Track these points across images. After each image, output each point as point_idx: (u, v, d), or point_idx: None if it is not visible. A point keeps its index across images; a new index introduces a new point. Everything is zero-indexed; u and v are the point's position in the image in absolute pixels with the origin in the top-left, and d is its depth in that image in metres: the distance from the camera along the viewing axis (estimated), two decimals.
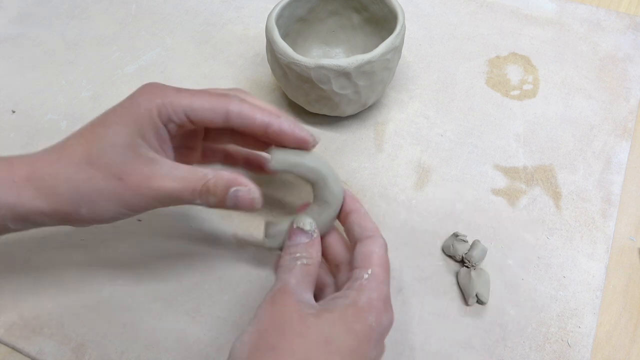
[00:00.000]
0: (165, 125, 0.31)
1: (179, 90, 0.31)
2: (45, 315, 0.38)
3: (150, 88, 0.31)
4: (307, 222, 0.33)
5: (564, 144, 0.46)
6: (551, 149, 0.46)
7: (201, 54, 0.54)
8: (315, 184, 0.33)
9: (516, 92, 0.50)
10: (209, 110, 0.31)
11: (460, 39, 0.55)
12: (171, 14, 0.59)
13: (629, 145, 0.46)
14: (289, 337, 0.27)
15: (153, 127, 0.30)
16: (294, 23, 0.48)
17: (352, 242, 0.33)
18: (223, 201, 0.31)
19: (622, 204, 0.44)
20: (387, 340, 0.36)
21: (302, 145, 0.33)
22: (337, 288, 0.33)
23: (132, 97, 0.31)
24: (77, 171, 0.30)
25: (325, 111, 0.46)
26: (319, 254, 0.32)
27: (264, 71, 0.52)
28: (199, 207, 0.43)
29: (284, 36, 0.47)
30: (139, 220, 0.42)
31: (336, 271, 0.34)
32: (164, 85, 0.32)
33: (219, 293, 0.39)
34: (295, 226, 0.33)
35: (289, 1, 0.45)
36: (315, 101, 0.44)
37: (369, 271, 0.31)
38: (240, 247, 0.41)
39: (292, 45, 0.49)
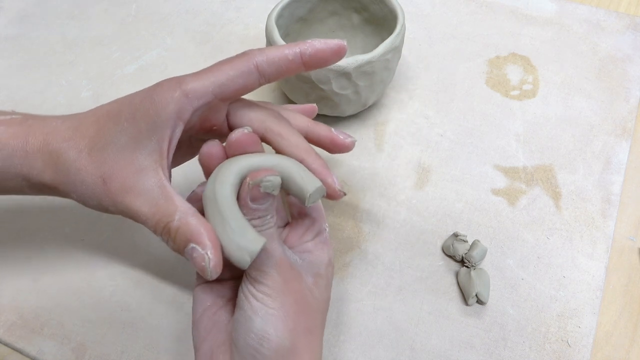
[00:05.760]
0: (186, 121, 0.29)
1: (196, 73, 0.29)
2: (45, 315, 0.38)
3: (168, 82, 0.29)
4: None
5: (564, 144, 0.46)
6: (551, 149, 0.46)
7: (201, 54, 0.54)
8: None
9: (516, 92, 0.50)
10: (238, 76, 0.28)
11: (460, 39, 0.55)
12: (171, 14, 0.59)
13: (629, 145, 0.46)
14: None
15: (169, 126, 0.28)
16: (294, 23, 0.48)
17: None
18: (181, 252, 0.28)
19: (622, 204, 0.44)
20: (387, 340, 0.36)
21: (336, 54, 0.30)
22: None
23: (150, 93, 0.29)
24: (76, 159, 0.29)
25: (325, 111, 0.46)
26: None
27: None
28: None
29: (284, 36, 0.47)
30: None
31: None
32: (180, 76, 0.29)
33: None
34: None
35: (289, 1, 0.45)
36: (315, 101, 0.44)
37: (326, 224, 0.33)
38: None
39: None
